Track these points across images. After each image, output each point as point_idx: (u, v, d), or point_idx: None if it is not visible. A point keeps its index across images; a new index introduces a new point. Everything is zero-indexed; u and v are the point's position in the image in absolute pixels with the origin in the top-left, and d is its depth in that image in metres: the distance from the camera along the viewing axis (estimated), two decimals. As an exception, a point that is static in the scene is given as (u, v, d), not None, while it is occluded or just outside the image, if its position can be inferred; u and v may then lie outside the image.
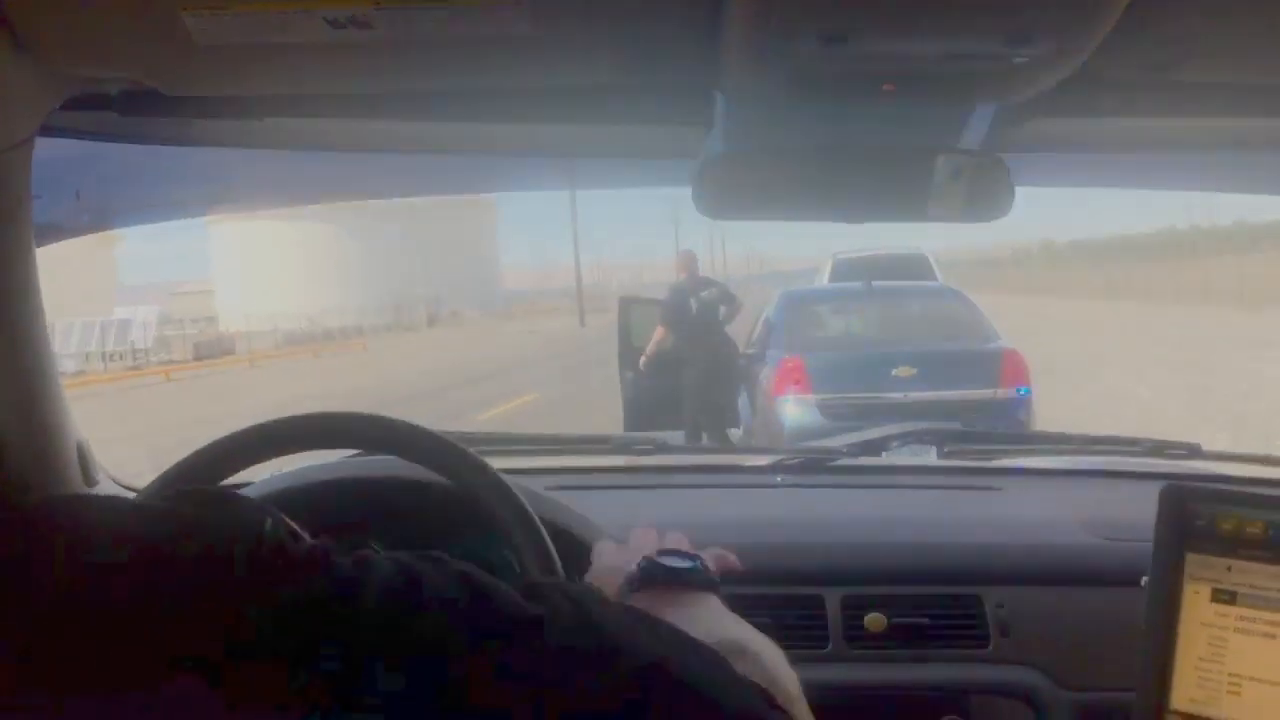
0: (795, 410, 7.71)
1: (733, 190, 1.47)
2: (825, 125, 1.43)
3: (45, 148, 1.38)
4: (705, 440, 8.32)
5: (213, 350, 34.25)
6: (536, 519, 1.34)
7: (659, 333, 8.77)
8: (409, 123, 1.41)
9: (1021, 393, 7.69)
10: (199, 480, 1.33)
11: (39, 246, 1.50)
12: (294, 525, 0.74)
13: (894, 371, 7.69)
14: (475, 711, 0.63)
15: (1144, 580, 1.30)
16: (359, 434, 1.41)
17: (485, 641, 0.66)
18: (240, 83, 1.30)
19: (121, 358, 30.73)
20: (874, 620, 1.59)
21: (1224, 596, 1.24)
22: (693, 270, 9.01)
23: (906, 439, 2.30)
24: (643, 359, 8.90)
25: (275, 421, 1.37)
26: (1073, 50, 1.09)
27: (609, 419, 13.02)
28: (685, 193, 1.52)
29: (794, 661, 1.57)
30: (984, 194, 1.43)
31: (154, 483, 1.35)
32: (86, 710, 0.63)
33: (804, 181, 1.47)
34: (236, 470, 1.35)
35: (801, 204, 1.50)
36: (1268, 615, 1.22)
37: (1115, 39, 1.07)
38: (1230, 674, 1.23)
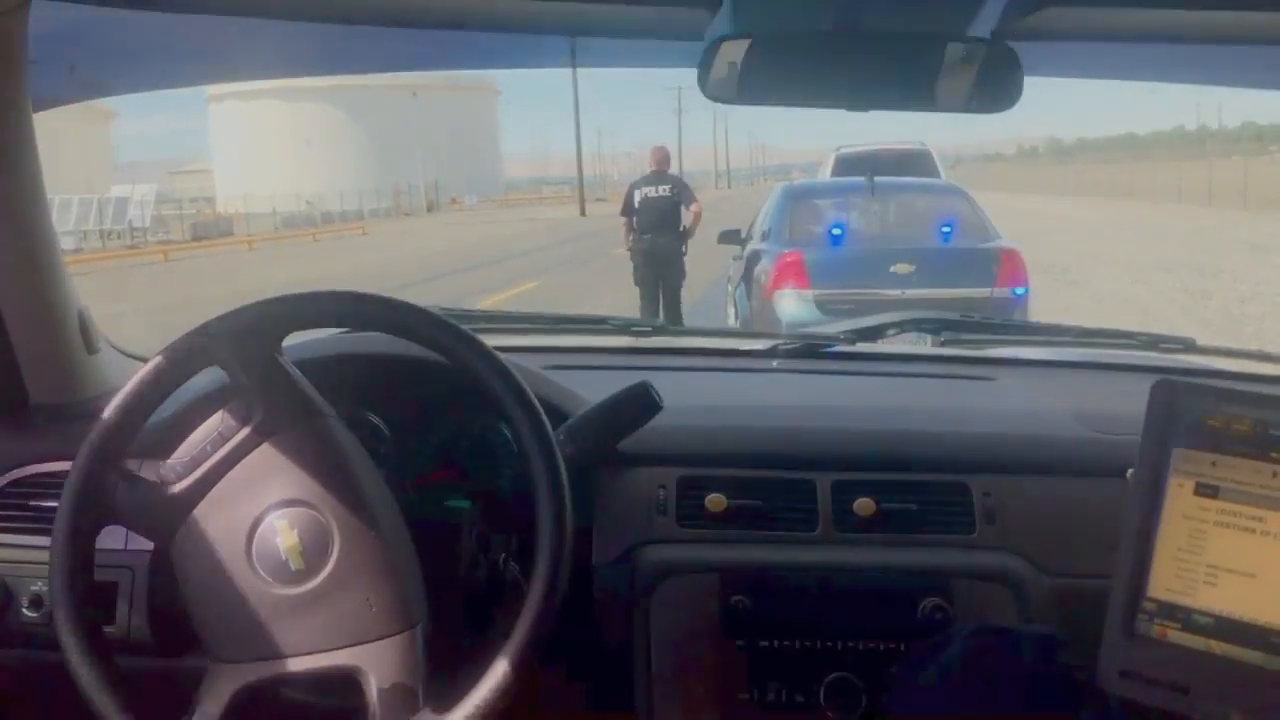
0: (792, 304, 7.71)
1: (738, 74, 1.45)
2: (834, 8, 1.40)
3: (41, 15, 1.36)
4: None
5: (211, 231, 34.14)
6: (533, 396, 1.35)
7: (623, 226, 9.65)
8: None
9: (1018, 293, 7.67)
10: (195, 357, 1.35)
11: (36, 112, 1.49)
12: None
13: (892, 268, 7.66)
14: None
15: (1129, 472, 1.33)
16: (359, 313, 1.42)
17: None
18: None
19: (119, 236, 30.60)
20: (863, 505, 1.62)
21: (1207, 490, 1.26)
22: (659, 164, 9.57)
23: (904, 326, 2.30)
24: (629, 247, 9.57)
25: (277, 299, 1.38)
26: None
27: (609, 308, 13.08)
28: (689, 83, 1.51)
29: (782, 543, 1.62)
30: (993, 84, 1.41)
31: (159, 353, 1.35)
32: None
33: (811, 66, 1.44)
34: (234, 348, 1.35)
35: (808, 90, 1.48)
36: (1249, 509, 1.24)
37: None
38: (1208, 565, 1.26)
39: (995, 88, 1.42)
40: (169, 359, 1.34)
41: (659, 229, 9.27)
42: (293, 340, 1.42)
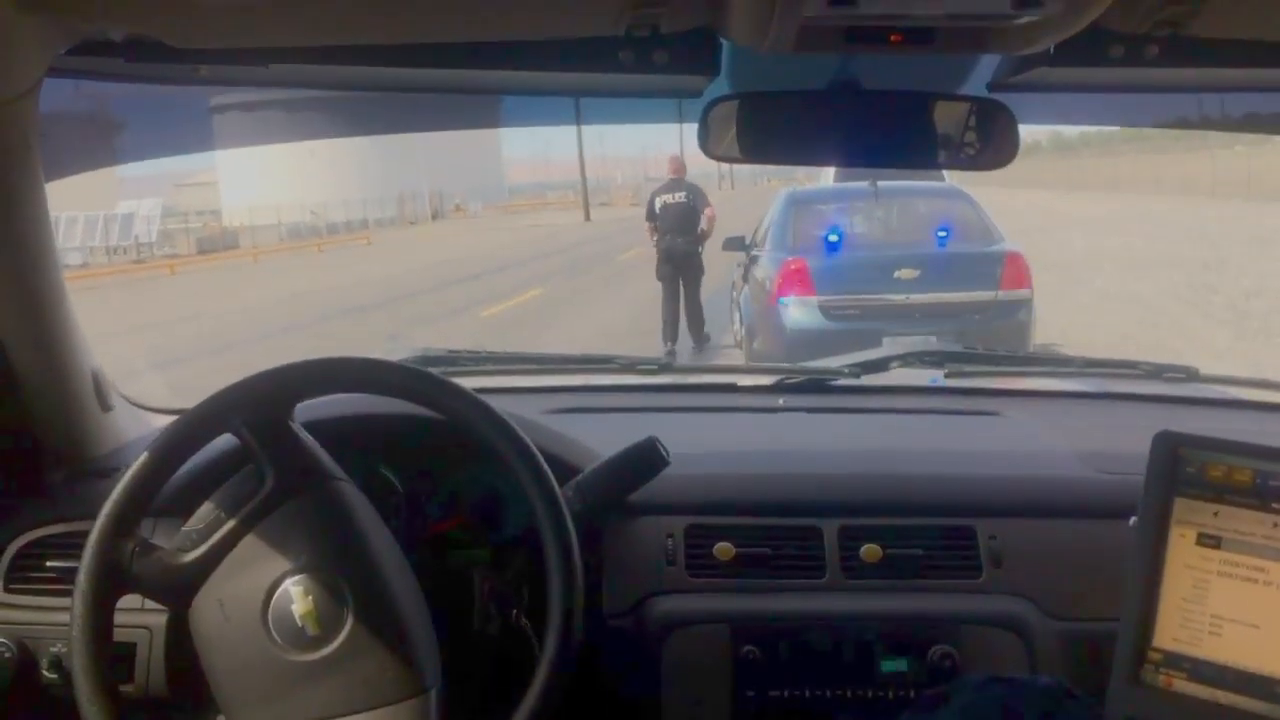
0: (797, 312, 7.73)
1: (738, 132, 1.47)
2: (829, 69, 1.43)
3: (52, 92, 1.39)
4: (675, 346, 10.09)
5: (216, 244, 34.16)
6: (540, 458, 1.37)
7: (647, 229, 10.64)
8: (416, 70, 1.41)
9: (1022, 295, 7.69)
10: (208, 426, 1.37)
11: (49, 182, 1.52)
12: None
13: (896, 273, 7.68)
14: None
15: (1133, 521, 1.34)
16: (367, 379, 1.44)
17: None
18: (243, 37, 1.30)
19: (125, 252, 30.64)
20: (870, 551, 1.64)
21: (1209, 541, 1.28)
22: (675, 172, 10.65)
23: (908, 360, 2.31)
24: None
25: (287, 367, 1.40)
26: (1082, 11, 1.09)
27: (612, 316, 13.11)
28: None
29: (791, 591, 1.63)
30: (989, 141, 1.43)
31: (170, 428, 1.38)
32: None
33: (807, 126, 1.47)
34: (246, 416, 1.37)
35: (805, 147, 1.51)
36: (1251, 560, 1.26)
37: None
38: (1212, 615, 1.27)
39: (992, 143, 1.44)
40: (182, 429, 1.36)
41: (677, 232, 10.29)
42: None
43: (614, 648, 1.62)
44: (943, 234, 8.05)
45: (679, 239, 10.28)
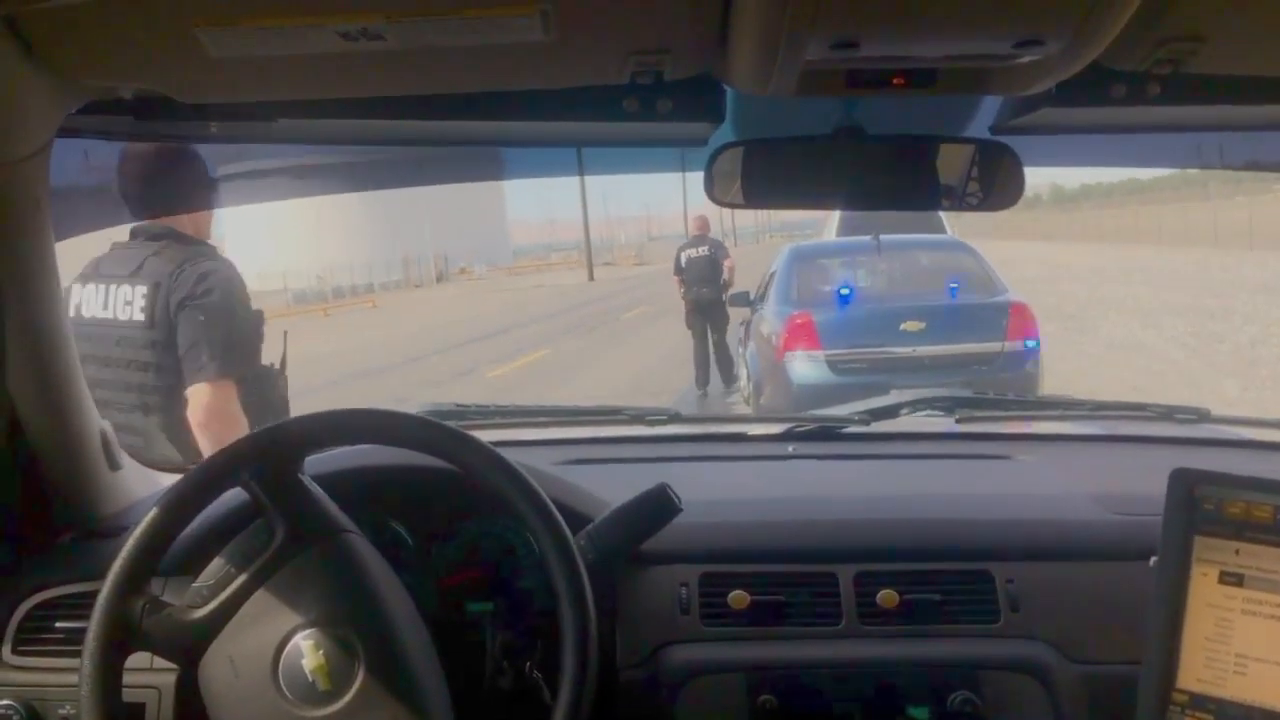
0: (804, 366, 7.73)
1: (743, 179, 1.48)
2: (834, 114, 1.44)
3: (63, 152, 1.40)
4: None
5: (223, 310, 34.27)
6: (553, 507, 1.36)
7: (675, 282, 11.70)
8: (422, 122, 1.42)
9: (1030, 345, 7.68)
10: (217, 482, 1.36)
11: (58, 241, 1.53)
12: None
13: (902, 326, 7.68)
14: None
15: (1152, 561, 1.32)
16: (374, 430, 1.44)
17: None
18: (252, 91, 1.31)
19: (133, 319, 30.79)
20: (886, 597, 1.62)
21: (1231, 579, 1.26)
22: (700, 230, 11.77)
23: (918, 406, 2.30)
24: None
25: (295, 420, 1.40)
26: (1082, 50, 1.10)
27: (618, 375, 13.14)
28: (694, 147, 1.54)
29: (807, 638, 1.61)
30: (994, 183, 1.44)
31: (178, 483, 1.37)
32: None
33: (813, 170, 1.48)
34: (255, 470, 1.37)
35: (811, 192, 1.51)
36: (1274, 598, 1.24)
37: (1125, 36, 1.08)
38: (1237, 655, 1.25)
39: (997, 184, 1.45)
40: (190, 484, 1.35)
41: (702, 283, 11.35)
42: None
43: (628, 698, 1.59)
44: (954, 285, 8.06)
45: (704, 289, 11.33)
